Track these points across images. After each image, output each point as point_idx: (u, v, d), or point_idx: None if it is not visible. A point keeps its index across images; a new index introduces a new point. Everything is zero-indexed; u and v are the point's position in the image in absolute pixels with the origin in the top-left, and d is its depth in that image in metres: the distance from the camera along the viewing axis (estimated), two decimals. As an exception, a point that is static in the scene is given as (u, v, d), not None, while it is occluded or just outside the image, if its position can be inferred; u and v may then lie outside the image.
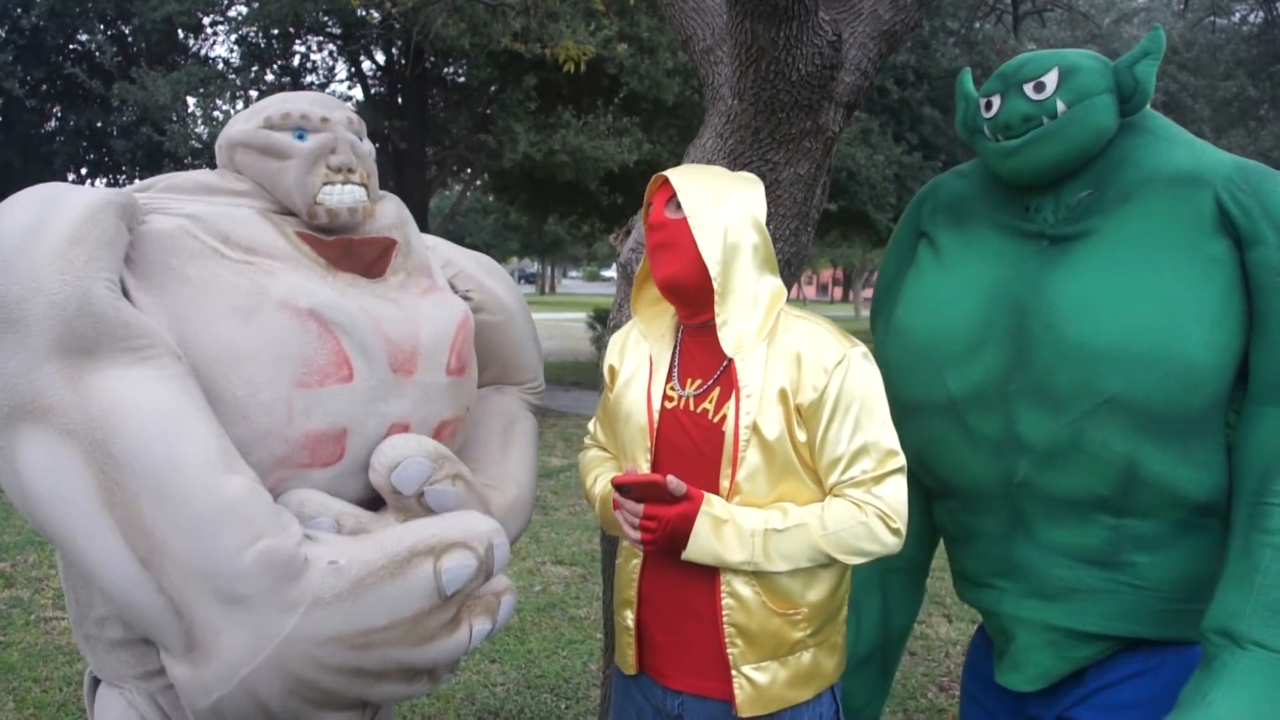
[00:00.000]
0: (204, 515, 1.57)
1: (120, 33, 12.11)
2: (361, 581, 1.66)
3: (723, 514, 1.82)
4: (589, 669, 4.45)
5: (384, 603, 1.67)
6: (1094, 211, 1.93)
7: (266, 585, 1.59)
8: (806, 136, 2.38)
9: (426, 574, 1.72)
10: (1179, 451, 1.84)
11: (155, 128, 10.84)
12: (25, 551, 6.05)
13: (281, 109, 1.96)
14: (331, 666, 1.65)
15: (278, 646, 1.59)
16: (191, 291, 1.75)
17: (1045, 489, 1.94)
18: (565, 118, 11.38)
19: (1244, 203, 1.81)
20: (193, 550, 1.56)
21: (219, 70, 11.71)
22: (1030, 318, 1.92)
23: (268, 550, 1.59)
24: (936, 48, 13.51)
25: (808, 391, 1.82)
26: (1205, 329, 1.80)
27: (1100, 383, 1.84)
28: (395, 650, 1.70)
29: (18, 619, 4.92)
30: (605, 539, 2.61)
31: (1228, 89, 15.88)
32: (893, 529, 1.82)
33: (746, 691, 1.88)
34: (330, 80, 13.44)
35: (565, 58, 6.97)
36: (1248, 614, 1.72)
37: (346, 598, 1.64)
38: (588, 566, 5.89)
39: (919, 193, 2.31)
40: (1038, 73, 1.95)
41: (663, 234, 1.91)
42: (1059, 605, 1.96)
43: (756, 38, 2.17)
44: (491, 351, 2.30)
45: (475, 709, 4.04)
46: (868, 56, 2.45)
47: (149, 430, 1.57)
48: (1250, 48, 15.74)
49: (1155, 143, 1.95)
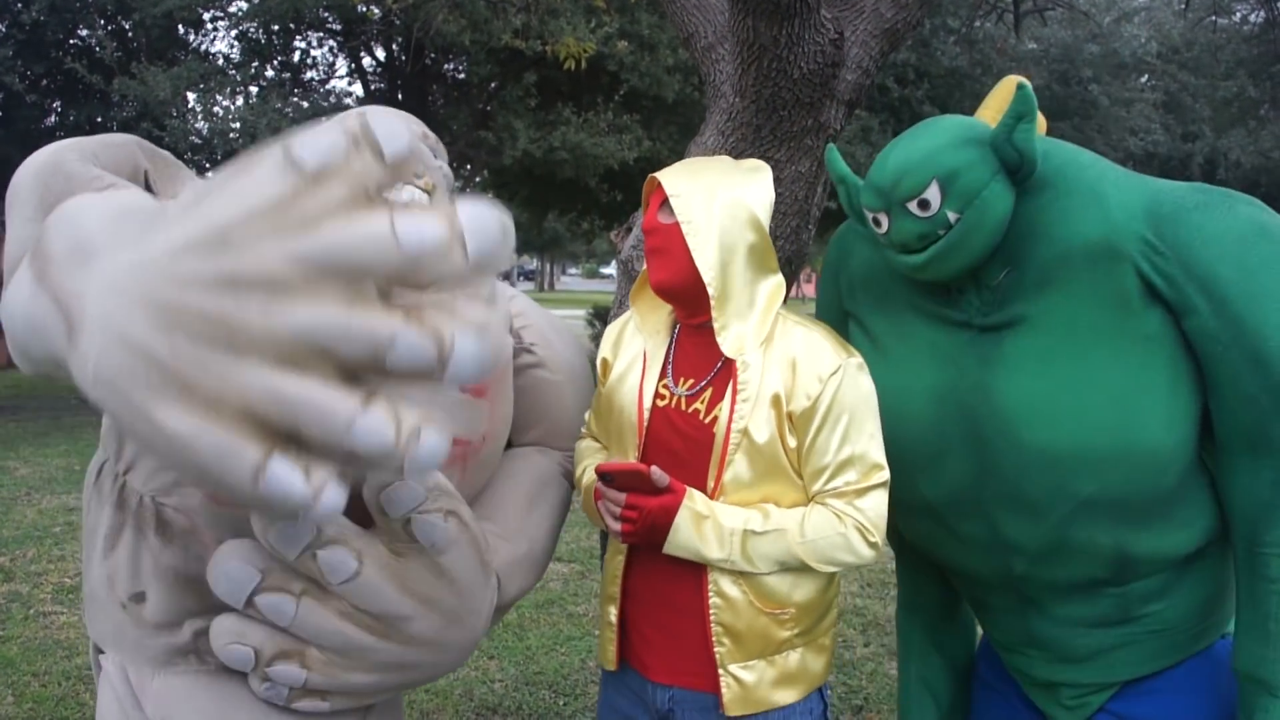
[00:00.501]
0: (87, 212, 1.59)
1: (120, 28, 12.10)
2: (203, 188, 1.37)
3: (704, 510, 1.82)
4: (587, 665, 4.46)
5: (230, 198, 1.31)
6: (1017, 296, 1.84)
7: (114, 232, 1.45)
8: (808, 134, 2.38)
9: (274, 158, 1.32)
10: (1163, 524, 1.83)
11: (155, 123, 10.82)
12: (24, 546, 6.06)
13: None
14: (197, 279, 1.28)
15: (125, 273, 1.32)
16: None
17: (1045, 579, 1.92)
18: (565, 115, 11.37)
19: (1165, 270, 1.71)
20: (64, 235, 1.55)
21: (219, 66, 11.71)
22: (984, 425, 1.86)
23: (121, 206, 1.61)
24: (937, 46, 13.49)
25: (800, 399, 1.81)
26: (1160, 411, 1.75)
27: (1072, 487, 1.80)
28: (272, 244, 1.27)
29: (17, 613, 4.92)
30: (604, 536, 2.61)
31: (1228, 89, 15.89)
32: (870, 542, 1.82)
33: (734, 690, 1.88)
34: (330, 76, 13.45)
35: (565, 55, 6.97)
36: (1271, 661, 1.73)
37: (190, 208, 1.35)
38: (586, 563, 5.89)
39: (829, 252, 2.19)
40: (916, 189, 1.78)
41: (656, 239, 1.90)
42: (1088, 665, 1.96)
43: (758, 35, 2.17)
44: (543, 410, 2.26)
45: (474, 705, 4.05)
46: (869, 54, 2.45)
47: (84, 202, 1.64)
48: (1251, 47, 15.74)
49: (1058, 200, 1.82)
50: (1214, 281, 1.68)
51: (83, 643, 4.56)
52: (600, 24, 9.93)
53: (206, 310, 1.27)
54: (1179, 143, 16.16)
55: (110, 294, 1.32)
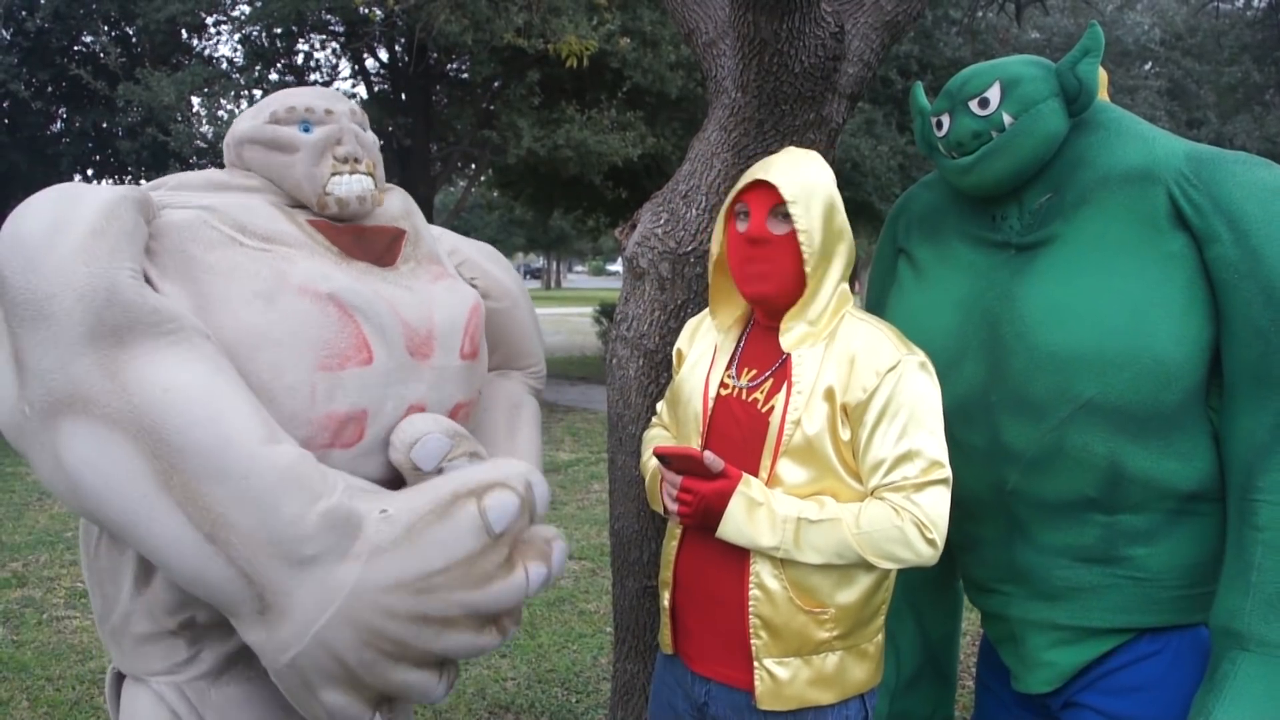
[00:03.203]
0: (263, 487, 1.62)
1: (124, 34, 12.11)
2: (413, 527, 1.72)
3: (759, 497, 1.83)
4: (599, 663, 4.46)
5: (437, 545, 1.73)
6: (1055, 216, 1.95)
7: (331, 542, 1.65)
8: (810, 128, 2.38)
9: (472, 513, 1.77)
10: (1160, 447, 1.85)
11: (160, 128, 10.85)
12: (37, 551, 6.08)
13: (286, 103, 2.00)
14: (398, 613, 1.70)
15: (345, 598, 1.65)
16: (213, 278, 1.78)
17: (1036, 494, 1.96)
18: (569, 112, 11.36)
19: (1195, 199, 1.82)
20: (258, 522, 1.61)
21: (223, 70, 11.72)
22: (1003, 328, 1.95)
23: (327, 510, 1.66)
24: (940, 37, 13.46)
25: (856, 392, 1.83)
26: (1172, 325, 1.81)
27: (1075, 388, 1.86)
28: (456, 593, 1.75)
29: (30, 618, 4.94)
30: (614, 533, 2.62)
31: (1233, 75, 15.83)
32: (928, 539, 1.80)
33: (766, 684, 1.89)
34: (334, 78, 13.45)
35: (568, 53, 6.97)
36: (1246, 612, 1.75)
37: (402, 543, 1.70)
38: (597, 561, 5.90)
39: (893, 208, 2.34)
40: (980, 89, 1.97)
41: (767, 249, 1.89)
42: (1064, 605, 1.98)
43: (759, 30, 2.17)
44: (497, 337, 2.34)
45: (486, 704, 4.06)
46: (870, 47, 2.45)
47: (195, 411, 1.61)
48: (1255, 33, 15.67)
49: (1108, 139, 1.96)
50: (1240, 216, 1.78)
51: (97, 647, 4.59)
52: (602, 21, 9.92)
53: (397, 636, 1.71)
54: (1184, 130, 16.10)
55: (328, 610, 1.65)
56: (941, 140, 2.05)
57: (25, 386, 1.60)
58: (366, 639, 1.69)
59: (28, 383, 1.59)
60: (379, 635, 1.70)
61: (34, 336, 1.58)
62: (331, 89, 2.08)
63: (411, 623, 1.72)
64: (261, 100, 2.06)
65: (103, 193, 1.71)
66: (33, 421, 1.60)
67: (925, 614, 2.37)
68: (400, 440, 1.89)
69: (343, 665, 1.70)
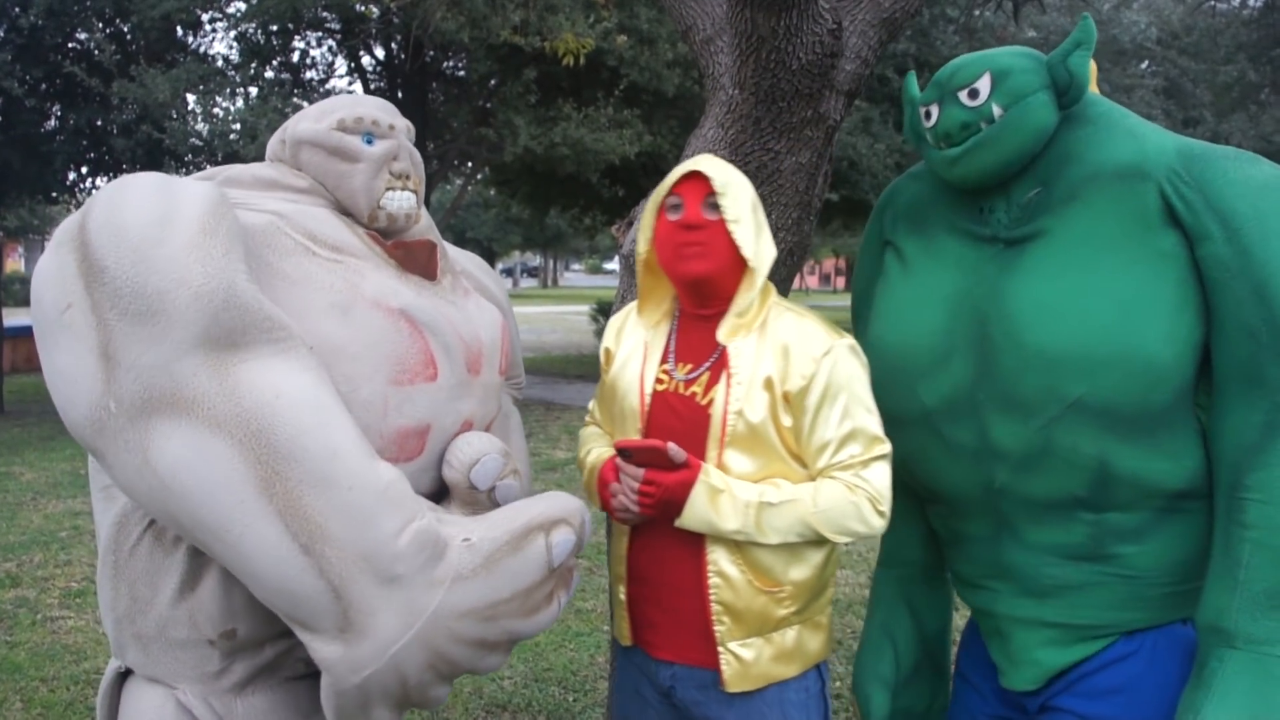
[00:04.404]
0: (365, 501, 1.63)
1: (119, 31, 12.07)
2: (491, 556, 1.76)
3: (719, 484, 1.89)
4: (596, 661, 4.46)
5: (508, 576, 1.78)
6: (1044, 211, 1.93)
7: (419, 564, 1.67)
8: (808, 125, 2.37)
9: (540, 548, 1.82)
10: (1148, 446, 1.84)
11: (155, 125, 10.83)
12: (31, 551, 6.07)
13: (354, 113, 1.99)
14: (464, 639, 1.74)
15: (425, 622, 1.68)
16: (289, 287, 1.76)
17: (1024, 493, 1.95)
18: (566, 110, 11.36)
19: (1187, 196, 1.80)
20: (356, 535, 1.62)
21: (218, 67, 11.70)
22: (991, 325, 1.93)
23: (420, 531, 1.68)
24: (937, 35, 13.46)
25: (795, 379, 1.89)
26: (1162, 325, 1.80)
27: (1064, 387, 1.84)
28: (512, 621, 1.81)
29: (24, 619, 4.93)
30: (610, 533, 2.61)
31: (1228, 74, 15.83)
32: (879, 511, 1.90)
33: (733, 667, 1.95)
34: (330, 76, 13.43)
35: (565, 51, 6.94)
36: (1234, 610, 1.74)
37: (481, 572, 1.74)
38: (594, 559, 5.89)
39: (880, 199, 2.32)
40: (970, 79, 1.94)
41: (700, 234, 1.93)
42: (1051, 602, 1.97)
43: (756, 27, 2.16)
44: None
45: (483, 703, 4.05)
46: (868, 44, 2.44)
47: (305, 420, 1.60)
48: (1251, 32, 15.68)
49: (1098, 134, 1.94)
50: (1231, 214, 1.76)
51: (90, 647, 4.57)
52: (599, 19, 9.91)
53: (456, 659, 1.76)
54: (1180, 128, 16.09)
55: (408, 633, 1.67)
56: (930, 130, 2.02)
57: (115, 382, 1.54)
58: (433, 661, 1.72)
59: (119, 379, 1.53)
60: (443, 659, 1.74)
61: (137, 332, 1.52)
62: (388, 103, 2.08)
63: (470, 647, 1.77)
64: (324, 103, 2.05)
65: (202, 188, 1.65)
66: (119, 419, 1.55)
67: (920, 609, 2.37)
68: (459, 460, 1.93)
69: (404, 686, 1.73)
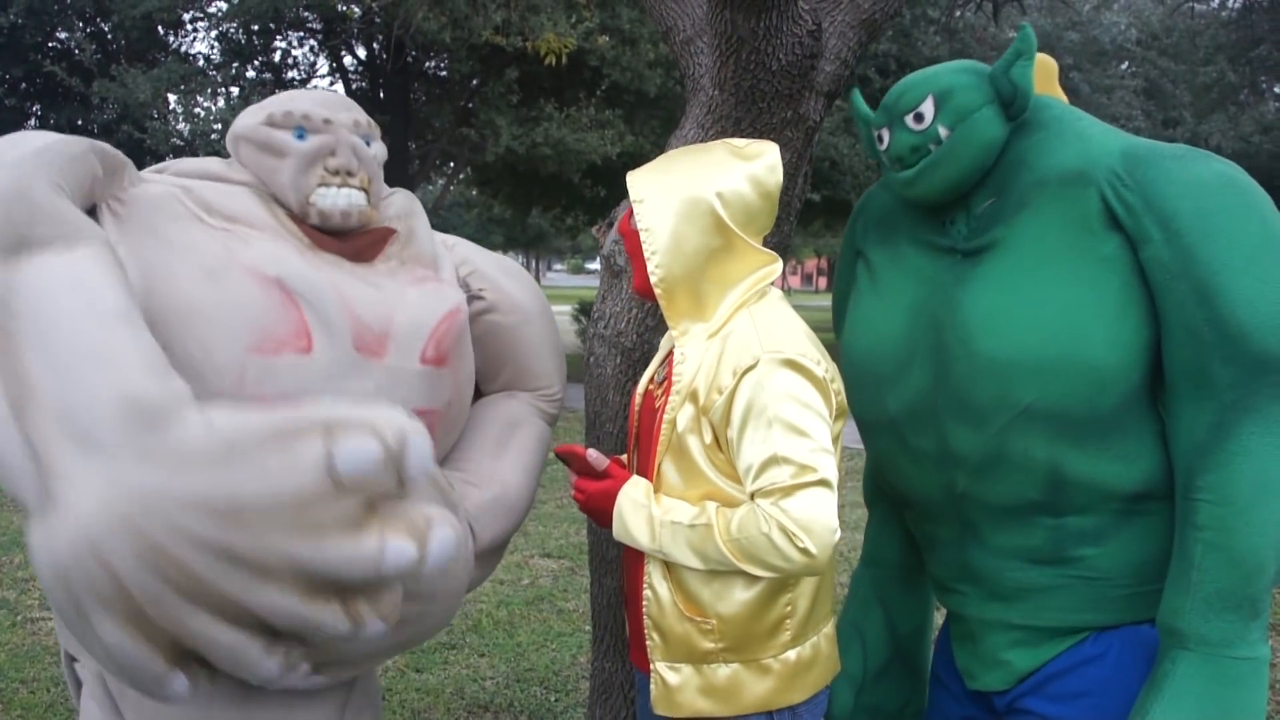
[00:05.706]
0: (75, 355, 1.50)
1: (100, 30, 12.02)
2: (236, 445, 1.49)
3: (641, 499, 1.82)
4: (578, 662, 4.46)
5: (259, 473, 1.48)
6: (998, 220, 1.94)
7: (126, 432, 1.45)
8: (788, 126, 2.38)
9: (316, 451, 1.51)
10: (1099, 450, 1.85)
11: (136, 125, 10.78)
12: (10, 552, 6.03)
13: (285, 107, 1.96)
14: (195, 538, 1.44)
15: (129, 501, 1.42)
16: (165, 249, 1.77)
17: (983, 498, 1.96)
18: (547, 110, 11.37)
19: (1127, 199, 1.80)
20: (57, 390, 1.48)
21: (199, 67, 11.68)
22: (946, 334, 1.94)
23: (134, 398, 1.48)
24: (918, 36, 13.52)
25: (712, 393, 1.76)
26: (1105, 330, 1.81)
27: (1015, 395, 1.85)
28: (279, 537, 1.49)
29: (4, 620, 4.90)
30: (592, 531, 2.62)
31: (1208, 74, 15.97)
32: (800, 547, 1.65)
33: (660, 688, 1.86)
34: (312, 75, 13.41)
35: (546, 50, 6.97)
36: (1187, 611, 1.76)
37: (216, 459, 1.47)
38: (575, 559, 5.89)
39: (855, 207, 2.33)
40: (913, 104, 1.95)
41: (628, 244, 1.92)
42: (1017, 605, 1.98)
43: (736, 28, 2.17)
44: (504, 354, 2.27)
45: (465, 703, 4.05)
46: (848, 45, 2.45)
47: (55, 286, 1.55)
48: (1230, 32, 15.80)
49: (1048, 139, 1.94)
50: (1171, 216, 1.76)
51: (71, 648, 4.55)
52: (581, 19, 9.92)
53: (191, 568, 1.45)
54: (1160, 129, 16.23)
55: (105, 510, 1.41)
56: (883, 154, 2.05)
57: None
58: (150, 558, 1.43)
59: None
60: (166, 558, 1.43)
61: None
62: (341, 97, 2.05)
63: (211, 555, 1.45)
64: (270, 98, 2.04)
65: (63, 136, 1.74)
66: None
67: (894, 608, 2.37)
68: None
69: (118, 585, 1.43)
